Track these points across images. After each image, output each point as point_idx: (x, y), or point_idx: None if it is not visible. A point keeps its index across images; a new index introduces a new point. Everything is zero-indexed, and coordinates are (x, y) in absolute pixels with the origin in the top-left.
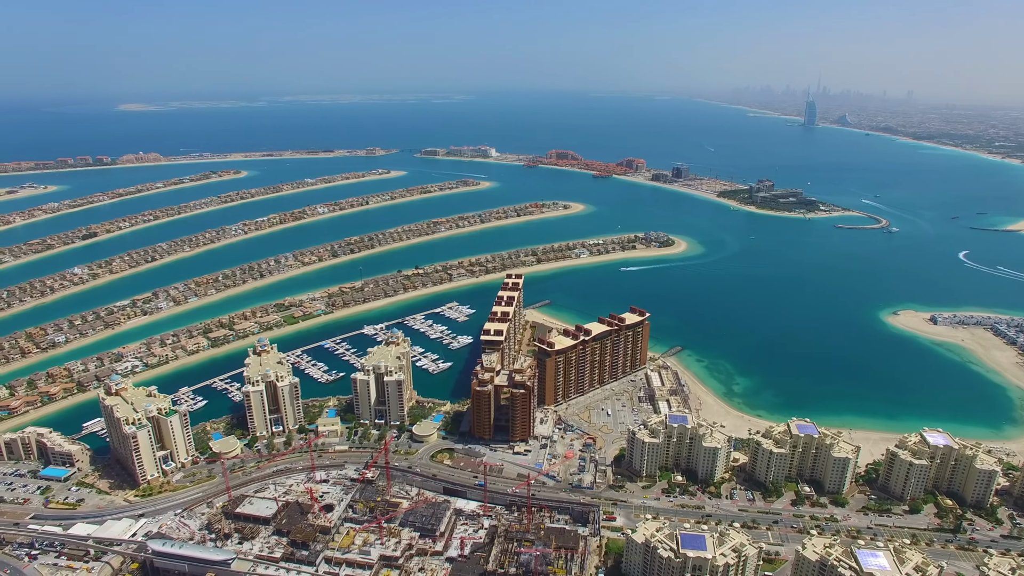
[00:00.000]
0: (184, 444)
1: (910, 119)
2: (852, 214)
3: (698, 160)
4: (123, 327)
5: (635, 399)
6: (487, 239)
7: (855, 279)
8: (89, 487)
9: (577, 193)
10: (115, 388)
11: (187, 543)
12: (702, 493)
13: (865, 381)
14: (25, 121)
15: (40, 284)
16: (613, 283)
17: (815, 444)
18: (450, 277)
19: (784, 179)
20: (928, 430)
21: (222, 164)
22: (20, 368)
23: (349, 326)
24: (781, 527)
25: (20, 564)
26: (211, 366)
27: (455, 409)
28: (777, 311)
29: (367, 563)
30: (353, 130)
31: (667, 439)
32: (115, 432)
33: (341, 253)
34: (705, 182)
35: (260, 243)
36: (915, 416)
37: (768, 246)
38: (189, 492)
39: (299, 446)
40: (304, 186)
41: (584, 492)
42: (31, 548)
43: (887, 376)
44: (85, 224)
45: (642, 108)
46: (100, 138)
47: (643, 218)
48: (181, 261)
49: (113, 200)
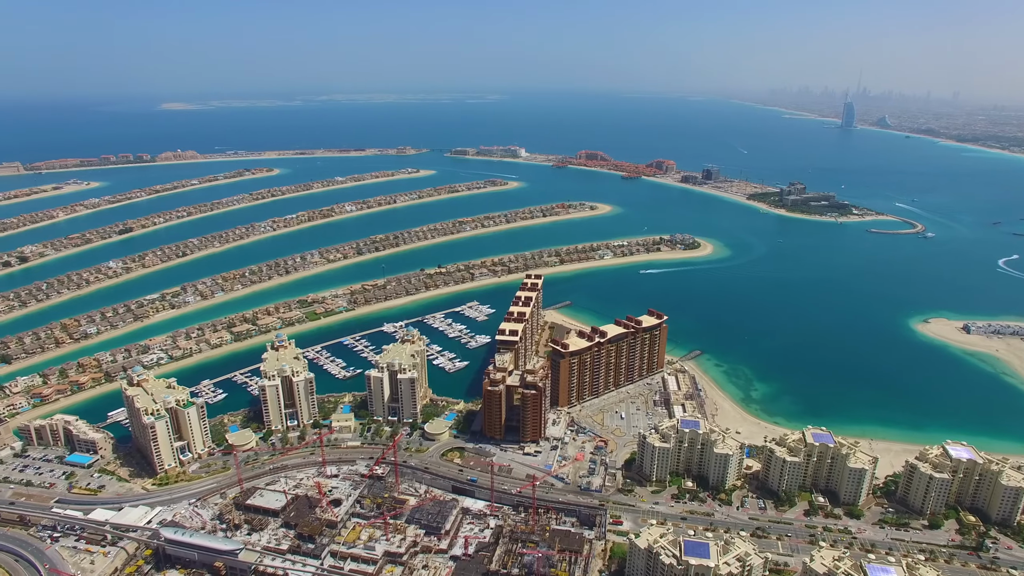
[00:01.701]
0: (201, 435)
1: (954, 121)
2: (886, 218)
3: (730, 162)
4: (151, 320)
5: (650, 403)
6: (512, 239)
7: (885, 285)
8: (110, 474)
9: (605, 194)
10: (137, 379)
11: (198, 532)
12: (712, 500)
13: (890, 390)
14: (74, 120)
15: (77, 277)
16: (635, 285)
17: (831, 453)
18: (472, 276)
19: (817, 182)
20: (951, 443)
21: (255, 162)
22: (54, 357)
23: (370, 323)
24: (792, 538)
25: (43, 545)
26: (233, 360)
27: (468, 408)
28: (802, 316)
29: (371, 558)
30: (385, 129)
31: (678, 444)
32: (135, 422)
33: (366, 251)
34: (735, 184)
35: (288, 240)
36: (940, 428)
37: (797, 250)
38: (204, 482)
39: (311, 440)
40: (334, 184)
41: (592, 495)
42: (53, 531)
43: (914, 386)
44: (123, 219)
45: (675, 109)
46: (143, 136)
47: (670, 220)
48: (211, 256)
49: (150, 196)
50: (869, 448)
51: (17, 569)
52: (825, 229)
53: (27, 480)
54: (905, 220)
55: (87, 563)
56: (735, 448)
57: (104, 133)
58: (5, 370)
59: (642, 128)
